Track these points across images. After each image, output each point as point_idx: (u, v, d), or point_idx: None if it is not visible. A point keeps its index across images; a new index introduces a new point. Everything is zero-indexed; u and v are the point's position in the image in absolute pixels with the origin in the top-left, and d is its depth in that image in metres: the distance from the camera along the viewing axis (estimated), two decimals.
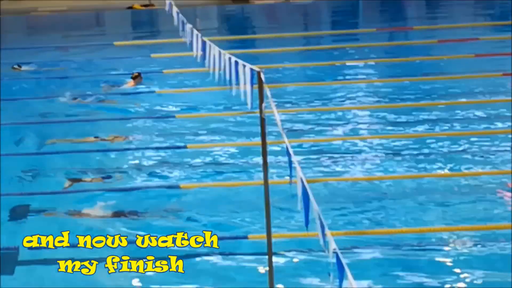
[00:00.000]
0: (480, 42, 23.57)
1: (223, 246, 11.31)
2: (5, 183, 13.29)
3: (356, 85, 20.35)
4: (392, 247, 11.30)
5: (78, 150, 15.72)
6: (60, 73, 21.99)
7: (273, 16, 30.18)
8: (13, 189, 13.43)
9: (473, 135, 15.74)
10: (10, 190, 13.16)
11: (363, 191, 13.29)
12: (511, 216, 11.97)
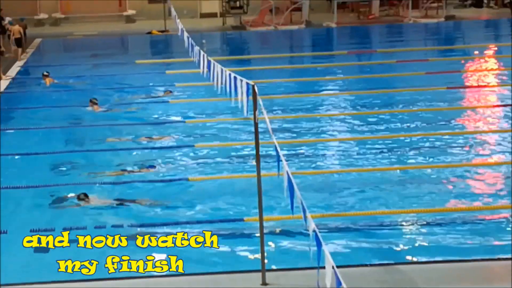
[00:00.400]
0: (429, 62, 23.62)
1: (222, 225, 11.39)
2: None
3: (331, 96, 20.38)
4: (360, 227, 11.35)
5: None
6: (88, 85, 21.88)
7: (265, 40, 30.11)
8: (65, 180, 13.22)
9: (423, 136, 15.85)
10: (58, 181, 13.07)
11: (335, 181, 13.38)
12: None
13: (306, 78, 22.26)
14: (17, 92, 21.40)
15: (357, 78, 22.57)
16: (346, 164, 14.43)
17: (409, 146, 15.26)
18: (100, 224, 11.50)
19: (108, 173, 14.01)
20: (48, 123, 17.60)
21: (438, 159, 14.39)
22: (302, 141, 15.63)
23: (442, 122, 16.94)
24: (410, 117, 17.39)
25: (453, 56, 25.45)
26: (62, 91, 21.18)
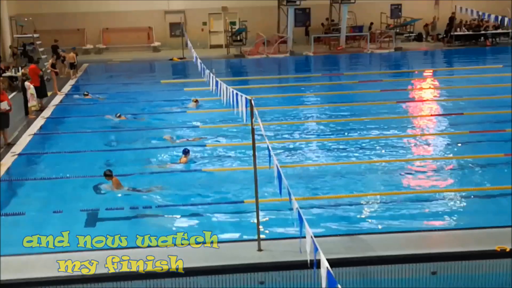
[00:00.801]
0: (383, 82, 23.65)
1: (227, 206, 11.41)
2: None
3: (309, 108, 20.39)
4: (332, 207, 11.37)
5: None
6: (124, 99, 21.85)
7: (259, 65, 30.08)
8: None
9: (377, 138, 15.87)
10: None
11: (313, 172, 13.40)
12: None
13: (290, 94, 22.31)
14: (68, 104, 21.34)
15: (328, 94, 22.60)
16: (321, 159, 14.43)
17: (367, 145, 15.29)
18: (134, 205, 11.57)
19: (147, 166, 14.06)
20: (90, 128, 17.60)
21: (389, 155, 14.47)
22: (287, 141, 15.67)
23: (392, 127, 16.96)
24: (369, 124, 17.39)
25: (401, 77, 25.49)
26: (103, 104, 21.14)
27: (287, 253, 8.57)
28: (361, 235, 9.66)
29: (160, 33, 35.14)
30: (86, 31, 34.22)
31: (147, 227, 10.64)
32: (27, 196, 12.29)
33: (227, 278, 8.49)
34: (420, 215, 10.88)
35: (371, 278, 8.58)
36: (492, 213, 10.89)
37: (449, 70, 28.07)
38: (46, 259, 8.82)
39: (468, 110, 18.48)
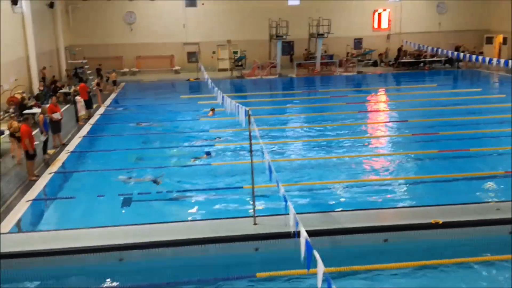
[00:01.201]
0: (348, 97, 23.63)
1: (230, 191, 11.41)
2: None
3: (294, 117, 20.38)
4: (310, 191, 11.38)
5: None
6: (151, 111, 21.76)
7: (255, 84, 29.99)
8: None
9: (345, 139, 15.83)
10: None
11: (297, 165, 13.36)
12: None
13: (279, 106, 22.28)
14: (109, 114, 21.26)
15: (308, 106, 22.56)
16: (303, 155, 14.39)
17: (337, 145, 15.27)
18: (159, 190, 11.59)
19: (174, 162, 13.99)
20: (127, 132, 17.57)
21: (353, 152, 14.45)
22: (277, 142, 15.61)
23: (355, 131, 16.98)
24: (338, 128, 17.36)
25: (361, 94, 25.47)
26: (137, 113, 21.10)
27: (276, 226, 8.62)
28: (332, 212, 9.73)
29: (180, 60, 35.06)
30: (124, 58, 34.12)
31: (170, 206, 10.70)
32: (77, 184, 12.29)
33: (231, 245, 8.53)
34: (376, 196, 10.95)
35: (339, 245, 8.64)
36: (429, 194, 10.96)
37: (397, 88, 28.11)
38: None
39: (411, 118, 18.49)
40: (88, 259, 8.28)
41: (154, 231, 8.84)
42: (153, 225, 9.14)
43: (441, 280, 7.74)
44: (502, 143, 14.64)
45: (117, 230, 9.02)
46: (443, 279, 7.76)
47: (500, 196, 10.56)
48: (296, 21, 33.20)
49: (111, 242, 8.46)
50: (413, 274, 7.88)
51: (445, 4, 36.77)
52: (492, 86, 27.53)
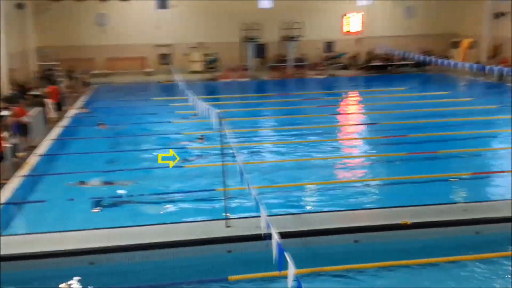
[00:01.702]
0: (320, 100, 23.87)
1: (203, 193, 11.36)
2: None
3: (266, 119, 20.45)
4: (281, 193, 11.42)
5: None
6: (125, 111, 21.53)
7: (228, 87, 29.99)
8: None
9: (316, 142, 15.95)
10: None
11: (268, 167, 13.38)
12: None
13: (251, 108, 22.26)
14: (80, 116, 20.89)
15: (280, 109, 22.64)
16: (273, 157, 14.43)
17: (309, 147, 15.36)
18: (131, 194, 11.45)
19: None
20: (98, 135, 17.34)
21: (325, 154, 14.57)
22: (248, 144, 15.57)
23: (327, 133, 17.14)
24: (309, 131, 17.49)
25: (333, 96, 25.76)
26: (109, 115, 20.81)
27: (249, 228, 8.60)
28: (304, 214, 9.78)
29: (152, 61, 34.80)
30: (95, 59, 33.66)
31: (142, 209, 10.59)
32: (48, 187, 12.04)
33: (203, 248, 8.49)
34: (347, 198, 11.04)
35: (311, 246, 8.69)
36: (398, 196, 11.11)
37: (367, 91, 28.44)
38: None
39: (381, 121, 18.74)
40: (58, 263, 8.13)
41: (125, 235, 8.74)
42: (125, 228, 9.05)
43: (410, 280, 7.85)
44: (469, 145, 15.00)
45: (88, 233, 8.89)
46: (412, 279, 7.87)
47: (466, 197, 10.80)
48: (268, 24, 33.36)
49: (82, 246, 8.33)
50: (383, 274, 7.98)
51: (413, 8, 37.45)
52: (459, 89, 28.18)
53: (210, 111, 9.82)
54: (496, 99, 24.53)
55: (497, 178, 12.08)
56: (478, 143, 15.45)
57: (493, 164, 13.37)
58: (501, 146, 15.12)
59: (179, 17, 34.50)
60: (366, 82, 31.50)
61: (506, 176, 12.15)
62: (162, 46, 34.64)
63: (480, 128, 17.36)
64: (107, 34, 33.73)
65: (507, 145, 15.06)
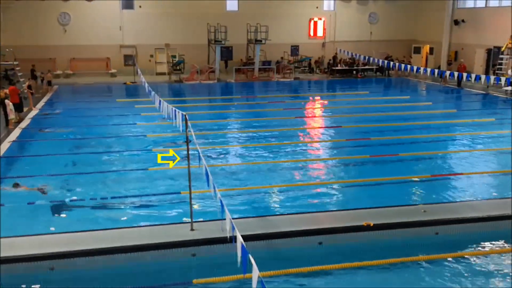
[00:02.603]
0: (285, 103, 23.94)
1: (167, 196, 11.21)
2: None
3: (232, 122, 20.33)
4: (246, 195, 11.38)
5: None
6: (88, 113, 21.15)
7: (193, 89, 29.83)
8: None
9: (281, 145, 15.98)
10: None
11: (233, 170, 13.31)
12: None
13: (217, 111, 22.18)
14: (41, 117, 20.38)
15: (246, 112, 22.67)
16: (239, 160, 14.39)
17: (274, 149, 15.36)
18: (93, 197, 11.20)
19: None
20: (59, 137, 16.91)
21: (289, 157, 14.59)
22: (214, 147, 15.49)
23: (292, 136, 17.18)
24: (276, 133, 17.51)
25: (298, 100, 25.92)
26: (71, 117, 20.38)
27: (213, 231, 8.55)
28: (269, 216, 9.75)
29: (116, 62, 34.25)
30: (57, 59, 32.90)
31: (104, 213, 10.37)
32: (6, 190, 11.64)
33: (167, 252, 8.37)
34: (311, 200, 11.10)
35: (275, 248, 8.69)
36: (360, 198, 11.23)
37: (332, 95, 28.80)
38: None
39: (345, 124, 18.99)
40: (17, 269, 7.86)
41: (87, 239, 8.53)
42: (86, 232, 8.84)
43: (373, 280, 7.95)
44: (429, 148, 15.35)
45: (48, 238, 8.64)
46: (375, 279, 7.98)
47: (426, 199, 11.03)
48: (235, 26, 33.37)
49: (42, 251, 8.08)
50: (346, 275, 8.05)
51: (376, 14, 38.18)
52: (419, 94, 28.84)
53: (175, 113, 9.70)
54: (455, 104, 25.27)
55: (456, 180, 12.37)
56: (438, 146, 15.85)
57: (452, 166, 13.71)
58: (460, 149, 15.54)
59: (145, 18, 34.14)
60: (330, 86, 31.86)
61: (464, 178, 12.51)
62: (127, 47, 34.19)
63: (440, 131, 17.81)
64: (71, 34, 33.08)
65: (465, 148, 15.52)
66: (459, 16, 34.53)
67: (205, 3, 34.44)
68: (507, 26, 29.20)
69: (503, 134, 17.30)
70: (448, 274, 8.05)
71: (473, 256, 8.59)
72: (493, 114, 21.34)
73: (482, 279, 7.91)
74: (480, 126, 18.65)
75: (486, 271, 8.12)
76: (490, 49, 31.58)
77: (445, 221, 9.43)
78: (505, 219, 9.60)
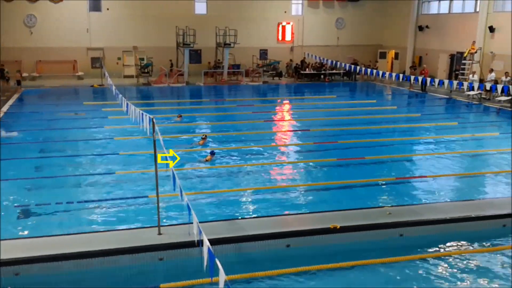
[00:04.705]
0: (254, 106, 24.01)
1: (135, 200, 11.06)
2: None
3: (201, 125, 20.24)
4: (213, 199, 11.32)
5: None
6: (54, 115, 20.70)
7: (162, 92, 29.59)
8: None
9: (250, 148, 15.95)
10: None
11: (201, 173, 13.19)
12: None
13: (185, 114, 21.93)
14: (4, 120, 19.83)
15: (215, 115, 22.59)
16: (207, 163, 14.17)
17: (243, 153, 15.31)
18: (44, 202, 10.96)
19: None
20: (24, 140, 16.56)
21: (257, 160, 14.58)
22: (182, 151, 15.32)
23: (260, 140, 17.19)
24: (245, 137, 17.50)
25: (267, 103, 26.01)
26: (36, 120, 19.92)
27: (181, 235, 8.47)
28: (237, 220, 9.75)
29: (83, 65, 33.68)
30: (23, 62, 32.11)
31: (71, 217, 10.16)
32: None
33: (134, 256, 8.26)
34: (279, 203, 11.11)
35: (244, 252, 8.68)
36: (327, 201, 11.33)
37: (300, 99, 29.01)
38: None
39: (313, 128, 19.15)
40: None
41: (53, 244, 8.33)
42: (52, 237, 8.64)
43: (340, 282, 8.01)
44: (395, 151, 15.62)
45: (13, 243, 8.41)
46: (342, 281, 8.04)
47: (391, 201, 11.22)
48: (204, 30, 33.29)
49: (7, 256, 7.85)
50: (314, 277, 8.10)
51: (343, 20, 38.69)
52: (385, 98, 29.36)
53: (142, 116, 9.59)
54: (419, 108, 25.82)
55: (420, 182, 12.63)
56: (403, 150, 16.15)
57: (416, 169, 14.00)
58: (424, 152, 15.89)
59: (113, 20, 33.69)
60: (299, 90, 32.11)
61: (428, 180, 12.79)
62: (95, 49, 33.68)
63: (405, 135, 18.17)
64: (37, 36, 32.35)
65: (429, 151, 15.87)
66: (423, 22, 35.34)
67: (174, 6, 34.25)
68: (470, 32, 30.08)
69: (466, 138, 17.80)
70: (412, 275, 8.20)
71: (437, 258, 8.77)
72: (455, 118, 21.89)
73: (445, 280, 8.08)
74: (443, 129, 19.12)
75: (449, 272, 8.30)
76: (453, 54, 32.42)
77: (409, 223, 9.60)
78: (467, 221, 9.86)
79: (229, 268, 4.98)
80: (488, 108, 24.42)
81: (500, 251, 9.01)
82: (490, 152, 15.70)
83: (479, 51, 29.26)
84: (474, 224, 9.83)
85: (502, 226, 9.91)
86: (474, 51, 28.97)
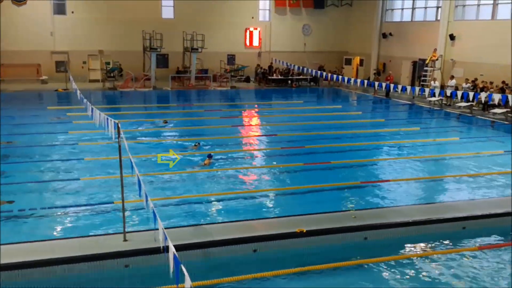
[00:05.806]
0: (222, 111, 24.03)
1: (100, 207, 10.87)
2: None
3: (168, 130, 20.02)
4: (180, 205, 11.23)
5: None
6: (18, 120, 20.14)
7: (128, 97, 29.18)
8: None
9: (218, 153, 15.90)
10: None
11: (167, 178, 13.05)
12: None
13: (152, 119, 21.80)
14: None
15: (182, 119, 22.36)
16: (172, 169, 13.99)
17: (214, 158, 15.22)
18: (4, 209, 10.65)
19: None
20: None
21: (226, 166, 14.54)
22: (148, 156, 15.12)
23: (229, 145, 17.16)
24: (211, 141, 17.41)
25: (235, 108, 26.04)
26: None
27: (147, 241, 8.37)
28: (204, 225, 9.68)
29: (47, 69, 32.95)
30: None
31: (33, 224, 9.91)
32: None
33: (99, 263, 8.10)
34: (246, 208, 11.11)
35: (211, 257, 8.63)
36: (294, 205, 11.39)
37: (268, 104, 29.10)
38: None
39: (280, 133, 19.23)
40: None
41: (15, 251, 8.10)
42: (14, 245, 8.39)
43: (307, 286, 8.06)
44: (360, 156, 15.85)
45: None
46: (309, 284, 8.09)
47: (356, 205, 11.38)
48: (171, 34, 33.09)
49: None
50: (281, 281, 8.12)
51: (310, 26, 39.14)
52: (350, 104, 29.79)
53: (108, 121, 9.45)
54: (383, 113, 26.32)
55: (384, 186, 12.85)
56: (367, 154, 16.40)
57: (380, 173, 14.24)
58: (387, 156, 16.19)
59: (77, 23, 33.14)
60: (266, 95, 32.23)
61: (391, 184, 13.03)
62: (59, 53, 33.02)
63: (369, 140, 18.47)
64: None
65: (392, 156, 16.18)
66: (387, 30, 36.11)
67: (141, 10, 33.95)
68: (431, 40, 30.88)
69: (427, 143, 18.24)
70: (377, 277, 8.33)
71: (400, 260, 8.94)
72: (418, 124, 22.40)
73: (408, 281, 8.24)
74: (406, 134, 19.53)
75: (413, 274, 8.47)
76: (415, 61, 33.21)
77: (373, 226, 9.76)
78: (429, 224, 10.09)
79: (195, 274, 4.95)
80: (449, 113, 25.10)
81: (460, 252, 9.26)
82: (451, 156, 16.13)
83: (440, 58, 30.09)
84: (435, 227, 10.07)
85: (462, 228, 10.19)
86: (435, 58, 29.78)
